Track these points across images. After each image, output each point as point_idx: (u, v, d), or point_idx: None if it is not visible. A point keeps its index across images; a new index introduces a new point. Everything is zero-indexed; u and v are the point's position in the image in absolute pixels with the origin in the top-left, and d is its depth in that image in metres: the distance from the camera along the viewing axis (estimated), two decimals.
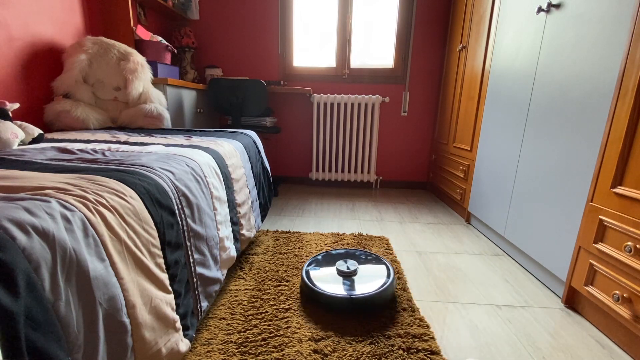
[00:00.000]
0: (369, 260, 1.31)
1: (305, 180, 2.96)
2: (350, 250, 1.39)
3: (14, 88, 1.45)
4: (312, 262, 1.30)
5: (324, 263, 1.29)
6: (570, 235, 1.17)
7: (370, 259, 1.32)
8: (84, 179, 0.68)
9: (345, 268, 1.21)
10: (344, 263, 1.25)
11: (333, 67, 2.73)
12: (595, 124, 1.08)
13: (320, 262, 1.30)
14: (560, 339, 1.02)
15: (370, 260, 1.31)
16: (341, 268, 1.21)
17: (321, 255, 1.36)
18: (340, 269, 1.21)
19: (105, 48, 1.66)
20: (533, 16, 1.44)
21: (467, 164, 2.04)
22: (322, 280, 1.17)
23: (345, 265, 1.23)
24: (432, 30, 2.59)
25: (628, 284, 0.93)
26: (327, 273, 1.22)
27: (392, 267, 1.24)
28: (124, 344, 0.58)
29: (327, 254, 1.36)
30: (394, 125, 2.79)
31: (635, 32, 0.95)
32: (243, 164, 1.41)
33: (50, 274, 0.46)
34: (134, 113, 1.71)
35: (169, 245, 0.75)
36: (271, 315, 1.06)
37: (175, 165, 0.92)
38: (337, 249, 1.40)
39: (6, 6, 1.40)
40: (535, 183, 1.37)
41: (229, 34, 2.70)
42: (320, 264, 1.28)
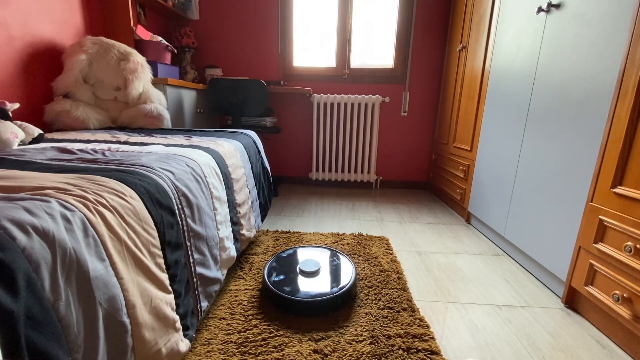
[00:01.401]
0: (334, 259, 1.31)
1: (305, 180, 2.96)
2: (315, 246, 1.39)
3: (14, 88, 1.45)
4: (280, 257, 1.30)
5: (288, 260, 1.29)
6: (570, 235, 1.17)
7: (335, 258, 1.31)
8: (84, 179, 0.68)
9: (306, 268, 1.20)
10: (306, 262, 1.24)
11: (333, 67, 2.73)
12: (595, 124, 1.08)
13: (286, 258, 1.30)
14: (560, 339, 1.02)
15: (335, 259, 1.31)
16: (302, 268, 1.21)
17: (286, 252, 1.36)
18: (302, 268, 1.21)
19: (105, 48, 1.66)
20: (533, 16, 1.44)
21: (467, 164, 2.04)
22: (281, 279, 1.16)
23: (307, 264, 1.23)
24: (432, 30, 2.59)
25: (628, 284, 0.93)
26: (290, 272, 1.21)
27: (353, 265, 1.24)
28: (124, 344, 0.58)
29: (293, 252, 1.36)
30: (394, 125, 2.79)
31: (635, 32, 0.95)
32: (243, 164, 1.41)
33: (50, 274, 0.46)
34: (134, 113, 1.71)
35: (169, 245, 0.75)
36: (271, 315, 1.06)
37: (175, 165, 0.92)
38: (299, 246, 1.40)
39: (6, 6, 1.40)
40: (535, 183, 1.37)
41: (229, 34, 2.70)
42: (285, 261, 1.28)
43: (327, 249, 1.37)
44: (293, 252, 1.36)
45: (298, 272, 1.21)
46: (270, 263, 1.27)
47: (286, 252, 1.35)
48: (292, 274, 1.20)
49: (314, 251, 1.37)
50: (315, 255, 1.32)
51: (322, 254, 1.34)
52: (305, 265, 1.22)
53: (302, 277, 1.18)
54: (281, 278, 1.17)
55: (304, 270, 1.19)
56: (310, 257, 1.30)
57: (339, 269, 1.23)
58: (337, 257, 1.31)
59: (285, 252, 1.36)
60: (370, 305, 1.13)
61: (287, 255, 1.33)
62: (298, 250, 1.37)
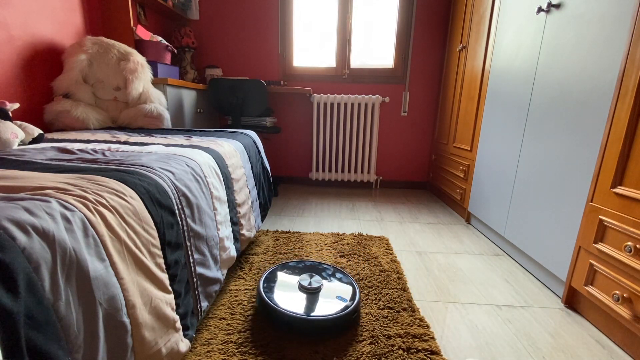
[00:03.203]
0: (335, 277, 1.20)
1: (305, 180, 2.96)
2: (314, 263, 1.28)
3: (14, 88, 1.45)
4: (275, 270, 1.20)
5: (285, 275, 1.19)
6: (570, 235, 1.17)
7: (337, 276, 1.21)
8: (84, 179, 0.68)
9: (307, 284, 1.11)
10: (309, 278, 1.15)
11: (333, 67, 2.73)
12: (595, 124, 1.08)
13: (283, 272, 1.21)
14: (560, 339, 1.02)
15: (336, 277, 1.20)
16: (302, 283, 1.11)
17: (289, 264, 1.27)
18: (302, 284, 1.11)
19: (105, 48, 1.66)
20: (533, 16, 1.44)
21: (467, 164, 2.04)
22: (278, 294, 1.07)
23: (308, 280, 1.13)
24: (432, 30, 2.59)
25: (628, 284, 0.93)
26: (289, 287, 1.12)
27: (357, 287, 1.14)
28: (124, 344, 0.58)
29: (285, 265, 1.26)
30: (394, 125, 2.79)
31: (635, 32, 0.95)
32: (243, 164, 1.41)
33: (50, 274, 0.46)
34: (134, 113, 1.71)
35: (169, 245, 0.75)
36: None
37: (175, 165, 0.92)
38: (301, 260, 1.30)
39: (6, 6, 1.40)
40: (535, 183, 1.37)
41: (229, 34, 2.70)
42: (283, 275, 1.19)
43: (328, 266, 1.27)
44: (293, 266, 1.26)
45: (298, 288, 1.12)
46: (266, 275, 1.18)
47: (285, 266, 1.26)
48: (291, 289, 1.11)
49: (313, 266, 1.27)
50: (315, 271, 1.23)
51: (323, 269, 1.25)
52: (306, 281, 1.13)
53: (302, 293, 1.09)
54: (278, 292, 1.09)
55: (304, 287, 1.11)
56: (311, 272, 1.21)
57: (340, 288, 1.13)
58: (337, 275, 1.21)
59: (285, 265, 1.26)
60: (370, 305, 1.13)
61: (285, 269, 1.23)
62: (295, 264, 1.27)
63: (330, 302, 1.05)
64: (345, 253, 1.51)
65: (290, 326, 0.98)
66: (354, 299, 1.06)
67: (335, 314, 0.99)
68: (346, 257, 1.48)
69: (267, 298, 1.04)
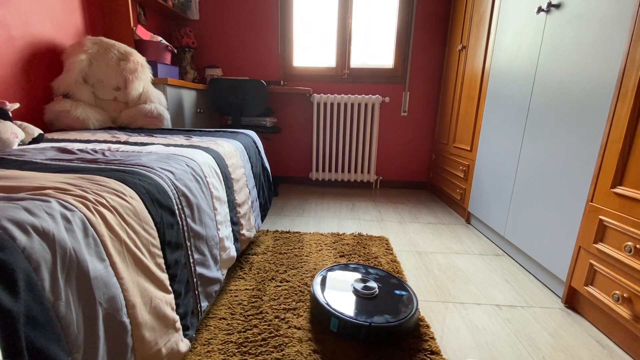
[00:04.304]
0: (388, 281, 1.17)
1: (305, 180, 2.96)
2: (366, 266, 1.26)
3: (14, 88, 1.45)
4: (324, 277, 1.17)
5: (338, 279, 1.16)
6: (570, 235, 1.17)
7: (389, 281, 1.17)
8: (84, 179, 0.68)
9: (363, 288, 1.08)
10: (362, 282, 1.12)
11: (333, 67, 2.73)
12: (595, 124, 1.08)
13: (333, 277, 1.18)
14: (560, 339, 1.02)
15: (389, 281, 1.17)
16: (357, 288, 1.08)
17: (334, 268, 1.23)
18: (357, 288, 1.08)
19: (105, 48, 1.66)
20: (533, 16, 1.44)
21: (467, 164, 2.04)
22: (336, 300, 1.04)
23: (363, 285, 1.10)
24: (432, 30, 2.59)
25: (628, 284, 0.93)
26: (342, 291, 1.08)
27: (413, 291, 1.11)
28: (123, 344, 0.58)
29: (340, 267, 1.24)
30: (394, 125, 2.79)
31: (635, 32, 0.95)
32: (243, 164, 1.41)
33: (50, 274, 0.46)
34: (134, 113, 1.71)
35: (169, 245, 0.75)
36: (271, 315, 1.06)
37: (175, 165, 0.92)
38: (350, 263, 1.27)
39: (6, 6, 1.40)
40: (535, 183, 1.37)
41: (229, 34, 2.70)
42: (334, 280, 1.15)
43: (383, 272, 1.23)
44: (341, 269, 1.23)
45: (352, 292, 1.08)
46: (320, 277, 1.16)
47: (334, 269, 1.23)
48: (345, 290, 1.08)
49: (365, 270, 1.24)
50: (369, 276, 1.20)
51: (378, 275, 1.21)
52: (360, 285, 1.10)
53: (357, 298, 1.06)
54: (333, 295, 1.05)
55: (357, 290, 1.07)
56: (363, 276, 1.18)
57: (394, 294, 1.09)
58: (391, 281, 1.18)
59: (334, 268, 1.24)
60: None
61: (335, 272, 1.21)
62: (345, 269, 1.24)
63: (390, 307, 1.02)
64: (345, 253, 1.51)
65: (351, 332, 0.95)
66: (413, 305, 1.03)
67: (399, 320, 0.96)
68: (346, 257, 1.48)
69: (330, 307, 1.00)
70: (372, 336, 0.93)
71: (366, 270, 1.24)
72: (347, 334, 0.96)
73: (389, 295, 1.08)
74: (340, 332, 0.96)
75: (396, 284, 1.15)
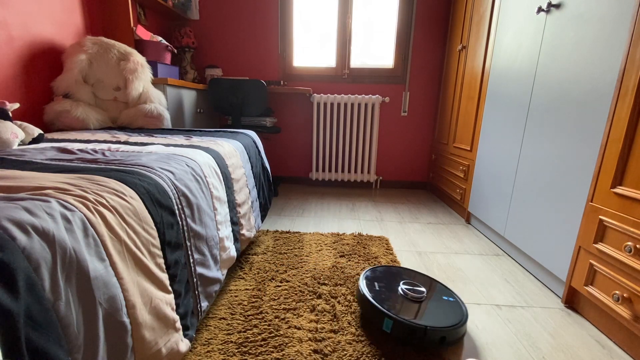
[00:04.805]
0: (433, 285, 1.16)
1: (305, 180, 2.96)
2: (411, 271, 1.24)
3: (14, 88, 1.45)
4: (369, 277, 1.15)
5: (383, 280, 1.15)
6: (570, 235, 1.17)
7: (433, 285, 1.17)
8: (84, 179, 0.68)
9: (411, 291, 1.07)
10: (409, 285, 1.11)
11: (333, 67, 2.73)
12: (595, 124, 1.08)
13: (379, 277, 1.17)
14: (560, 339, 1.02)
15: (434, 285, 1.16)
16: (406, 290, 1.07)
17: (377, 269, 1.22)
18: (406, 291, 1.07)
19: (105, 48, 1.66)
20: (533, 16, 1.44)
21: (467, 164, 2.04)
22: (385, 301, 1.03)
23: (412, 287, 1.09)
24: (432, 30, 2.59)
25: (628, 284, 0.93)
26: (390, 293, 1.08)
27: (459, 298, 1.10)
28: (124, 344, 0.58)
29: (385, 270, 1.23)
30: (394, 125, 2.79)
31: (635, 32, 0.95)
32: (243, 164, 1.41)
33: (50, 274, 0.46)
34: (134, 113, 1.71)
35: (169, 245, 0.75)
36: (271, 315, 1.06)
37: (175, 165, 0.92)
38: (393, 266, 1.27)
39: (6, 6, 1.40)
40: (535, 183, 1.37)
41: (229, 34, 2.70)
42: (380, 281, 1.14)
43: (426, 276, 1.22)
44: (386, 271, 1.22)
45: (400, 295, 1.07)
46: (365, 277, 1.15)
47: (378, 270, 1.22)
48: (393, 293, 1.07)
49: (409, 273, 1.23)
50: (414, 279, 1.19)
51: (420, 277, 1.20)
52: (409, 288, 1.09)
53: (406, 300, 1.05)
54: (382, 296, 1.05)
55: (406, 293, 1.06)
56: (411, 280, 1.17)
57: (442, 300, 1.08)
58: (436, 286, 1.16)
59: (376, 269, 1.22)
60: None
61: (381, 273, 1.20)
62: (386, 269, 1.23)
63: (440, 312, 1.01)
64: (345, 253, 1.51)
65: (406, 334, 0.93)
66: (463, 311, 1.02)
67: (454, 325, 0.95)
68: (346, 257, 1.48)
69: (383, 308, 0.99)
70: (427, 339, 0.92)
71: (410, 273, 1.22)
72: (401, 335, 0.94)
73: (436, 300, 1.07)
74: (393, 333, 0.95)
75: (442, 289, 1.14)
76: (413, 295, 1.05)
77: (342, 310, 1.10)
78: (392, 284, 1.13)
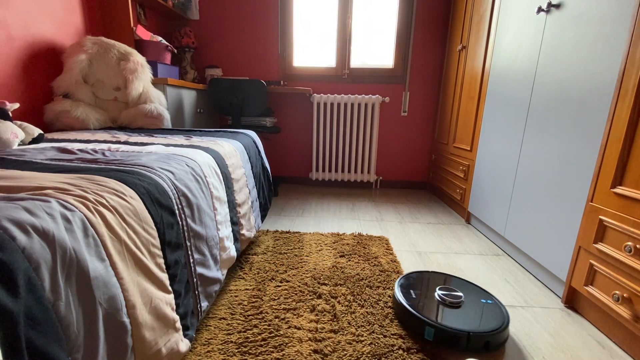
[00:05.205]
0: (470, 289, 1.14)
1: (305, 180, 2.96)
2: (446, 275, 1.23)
3: (14, 88, 1.45)
4: (403, 285, 1.14)
5: (418, 287, 1.14)
6: (570, 235, 1.17)
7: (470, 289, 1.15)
8: (84, 179, 0.68)
9: (448, 297, 1.06)
10: (445, 290, 1.10)
11: (333, 67, 2.73)
12: (595, 124, 1.08)
13: (413, 284, 1.16)
14: (560, 339, 1.02)
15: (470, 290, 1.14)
16: (443, 296, 1.06)
17: (410, 276, 1.21)
18: (443, 296, 1.06)
19: (105, 48, 1.66)
20: (533, 16, 1.44)
21: (467, 164, 2.04)
22: (424, 309, 1.01)
23: (448, 293, 1.08)
24: (432, 30, 2.59)
25: (628, 284, 0.93)
26: (426, 299, 1.06)
27: (498, 300, 1.09)
28: (124, 344, 0.58)
29: (418, 274, 1.22)
30: (394, 125, 2.79)
31: (635, 32, 0.95)
32: (243, 164, 1.41)
33: (50, 274, 0.46)
34: (134, 113, 1.71)
35: (169, 245, 0.75)
36: (271, 315, 1.06)
37: (175, 165, 0.92)
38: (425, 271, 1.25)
39: (6, 6, 1.40)
40: (535, 183, 1.37)
41: (229, 34, 2.70)
42: (415, 288, 1.13)
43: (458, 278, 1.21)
44: (418, 277, 1.21)
45: (437, 300, 1.06)
46: (400, 285, 1.14)
47: (411, 276, 1.21)
48: (430, 299, 1.06)
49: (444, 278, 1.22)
50: (449, 283, 1.18)
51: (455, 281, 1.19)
52: (445, 293, 1.07)
53: (444, 306, 1.04)
54: (420, 304, 1.04)
55: (444, 299, 1.05)
56: (446, 285, 1.16)
57: (480, 303, 1.07)
58: (472, 288, 1.15)
59: (410, 275, 1.21)
60: (370, 305, 1.13)
61: (414, 280, 1.19)
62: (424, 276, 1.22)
63: (481, 315, 1.00)
64: (345, 253, 1.51)
65: (450, 341, 0.93)
66: (503, 313, 1.01)
67: (498, 329, 0.93)
68: (346, 257, 1.48)
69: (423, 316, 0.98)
70: (472, 345, 0.91)
71: (443, 277, 1.22)
72: (445, 343, 0.93)
73: (474, 303, 1.06)
74: (436, 341, 0.94)
75: (479, 291, 1.13)
76: (451, 301, 1.04)
77: (342, 310, 1.10)
78: (427, 290, 1.12)
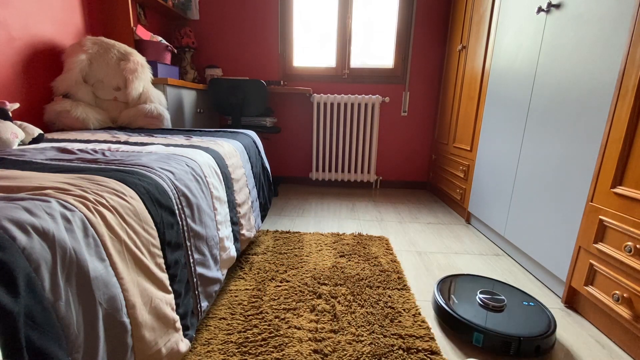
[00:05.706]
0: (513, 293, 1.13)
1: (305, 180, 2.96)
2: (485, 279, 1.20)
3: (14, 88, 1.45)
4: (442, 290, 1.12)
5: (458, 291, 1.13)
6: (570, 235, 1.17)
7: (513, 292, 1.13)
8: (84, 179, 0.68)
9: (490, 300, 1.04)
10: (487, 294, 1.07)
11: (333, 67, 2.73)
12: (595, 124, 1.08)
13: (452, 289, 1.14)
14: (560, 339, 1.01)
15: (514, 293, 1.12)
16: (486, 300, 1.04)
17: (447, 280, 1.20)
18: (485, 300, 1.04)
19: (105, 48, 1.66)
20: (533, 16, 1.44)
21: (467, 164, 2.04)
22: (469, 314, 1.00)
23: (490, 297, 1.06)
24: (432, 30, 2.59)
25: (628, 284, 0.93)
26: (468, 303, 1.04)
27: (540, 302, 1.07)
28: (124, 344, 0.58)
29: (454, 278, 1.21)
30: (394, 125, 2.79)
31: (635, 32, 0.95)
32: (243, 164, 1.41)
33: (50, 274, 0.46)
34: (134, 113, 1.71)
35: (169, 245, 0.75)
36: (271, 315, 1.06)
37: (175, 165, 0.92)
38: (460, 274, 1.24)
39: (6, 6, 1.40)
40: (535, 183, 1.37)
41: (229, 34, 2.70)
42: (454, 292, 1.12)
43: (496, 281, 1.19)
44: (453, 280, 1.20)
45: (479, 304, 1.05)
46: (439, 290, 1.12)
47: (448, 280, 1.20)
48: (471, 303, 1.05)
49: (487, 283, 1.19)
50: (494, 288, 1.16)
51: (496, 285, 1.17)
52: (488, 297, 1.06)
53: (487, 310, 1.02)
54: (462, 309, 1.02)
55: (486, 303, 1.03)
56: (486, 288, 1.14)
57: (523, 305, 1.05)
58: (513, 291, 1.14)
59: (446, 279, 1.20)
60: (370, 305, 1.13)
61: (452, 284, 1.17)
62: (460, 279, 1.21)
63: (526, 319, 0.98)
64: (345, 253, 1.51)
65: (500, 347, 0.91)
66: (548, 316, 1.00)
67: (547, 333, 0.92)
68: (346, 257, 1.48)
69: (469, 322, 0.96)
70: (523, 350, 0.90)
71: (480, 280, 1.20)
72: (494, 349, 0.92)
73: (517, 306, 1.04)
74: (485, 347, 0.93)
75: (519, 294, 1.12)
76: (494, 305, 1.02)
77: (342, 310, 1.10)
78: (468, 294, 1.10)
